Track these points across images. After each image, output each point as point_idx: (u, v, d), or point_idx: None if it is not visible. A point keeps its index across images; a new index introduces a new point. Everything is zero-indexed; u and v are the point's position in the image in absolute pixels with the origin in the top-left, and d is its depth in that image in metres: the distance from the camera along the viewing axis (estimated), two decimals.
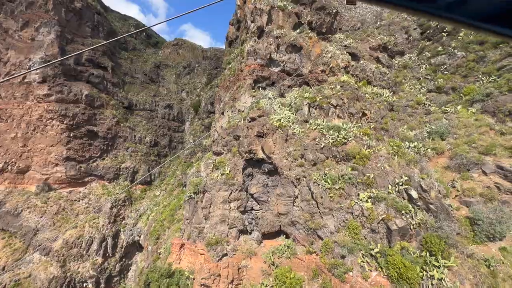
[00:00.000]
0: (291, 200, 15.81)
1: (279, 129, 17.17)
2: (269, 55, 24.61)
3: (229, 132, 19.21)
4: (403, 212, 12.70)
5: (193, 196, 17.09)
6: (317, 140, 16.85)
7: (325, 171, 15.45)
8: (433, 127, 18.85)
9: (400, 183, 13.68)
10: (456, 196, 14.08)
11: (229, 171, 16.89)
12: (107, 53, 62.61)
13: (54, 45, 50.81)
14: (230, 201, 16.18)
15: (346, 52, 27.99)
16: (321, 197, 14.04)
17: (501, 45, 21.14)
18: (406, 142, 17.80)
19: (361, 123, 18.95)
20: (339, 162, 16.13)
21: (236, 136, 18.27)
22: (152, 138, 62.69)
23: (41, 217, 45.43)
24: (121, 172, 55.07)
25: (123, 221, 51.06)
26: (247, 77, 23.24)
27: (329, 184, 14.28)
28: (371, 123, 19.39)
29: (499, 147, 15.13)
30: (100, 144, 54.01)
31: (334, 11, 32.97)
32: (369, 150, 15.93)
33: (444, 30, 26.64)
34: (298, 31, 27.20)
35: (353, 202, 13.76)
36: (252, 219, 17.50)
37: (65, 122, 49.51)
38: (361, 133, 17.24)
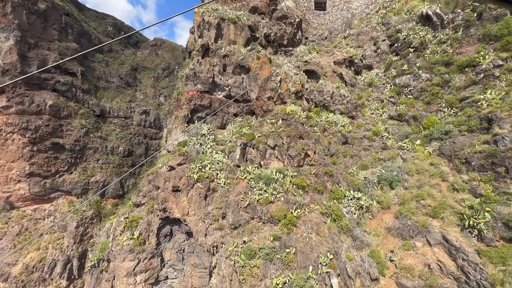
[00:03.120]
0: (207, 272, 13.47)
1: (198, 183, 14.61)
2: (211, 78, 21.75)
3: (150, 179, 16.65)
4: None
5: (96, 265, 14.66)
6: (241, 196, 14.32)
7: (246, 239, 12.99)
8: (383, 171, 16.37)
9: (324, 263, 11.27)
10: (392, 274, 11.72)
11: (140, 234, 14.41)
12: (77, 58, 58.72)
13: (12, 52, 46.98)
14: (136, 273, 13.75)
15: (303, 71, 25.19)
16: (230, 280, 11.64)
17: (466, 69, 18.51)
18: (351, 192, 15.34)
19: (301, 169, 16.39)
20: (266, 224, 13.66)
21: (156, 187, 15.73)
22: (126, 148, 59.57)
23: (1, 239, 42.85)
24: (90, 187, 52.24)
25: (91, 240, 48.62)
26: (184, 107, 20.46)
27: (243, 260, 11.86)
28: (315, 166, 16.85)
29: (448, 210, 12.73)
30: (67, 157, 50.92)
31: (297, 20, 29.90)
32: (298, 211, 13.46)
33: (411, 45, 23.86)
34: (249, 48, 24.26)
35: None
36: None
37: (27, 136, 46.26)
38: (295, 186, 14.72)
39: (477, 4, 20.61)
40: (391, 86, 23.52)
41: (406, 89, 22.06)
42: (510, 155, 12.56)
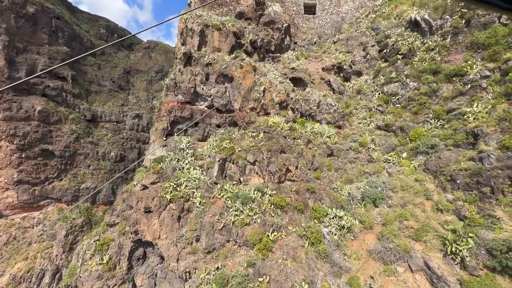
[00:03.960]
0: None
1: (171, 204, 13.90)
2: (193, 88, 21.01)
3: (124, 198, 15.92)
4: None
5: None
6: (217, 217, 13.62)
7: (220, 264, 12.29)
8: (367, 187, 15.72)
9: None
10: None
11: (110, 259, 13.71)
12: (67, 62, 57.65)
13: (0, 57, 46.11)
14: None
15: (290, 79, 24.51)
16: None
17: (454, 78, 17.90)
18: (333, 210, 14.67)
19: (282, 185, 15.71)
20: (241, 247, 12.97)
21: (130, 207, 15.02)
22: (117, 153, 58.60)
23: None
24: (81, 193, 51.28)
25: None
26: (164, 119, 19.72)
27: None
28: (296, 182, 16.17)
29: (431, 233, 12.09)
30: (57, 163, 49.95)
31: (285, 25, 29.20)
32: (275, 234, 12.79)
33: (400, 52, 23.23)
34: (233, 55, 23.53)
35: None
36: None
37: (15, 142, 45.27)
38: (274, 206, 14.04)
39: (466, 10, 20.01)
40: (379, 94, 22.89)
41: (394, 97, 21.44)
42: (496, 174, 11.94)
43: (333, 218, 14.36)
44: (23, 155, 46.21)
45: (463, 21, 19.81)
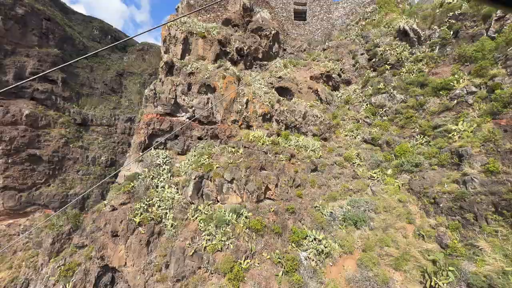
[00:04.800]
0: None
1: (140, 227, 13.15)
2: (173, 99, 20.25)
3: (94, 218, 15.14)
4: None
5: None
6: (188, 242, 12.87)
7: None
8: (349, 207, 15.07)
9: None
10: None
11: (74, 287, 12.91)
12: (58, 64, 56.41)
13: None
14: None
15: (276, 89, 23.84)
16: None
17: (441, 92, 17.32)
18: (313, 232, 13.98)
19: (260, 205, 15.00)
20: (213, 275, 12.23)
21: (99, 229, 14.23)
22: (108, 157, 57.40)
23: None
24: (69, 199, 50.20)
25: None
26: (141, 132, 18.94)
27: None
28: (276, 201, 15.47)
29: (411, 262, 11.44)
30: (44, 169, 48.72)
31: (273, 32, 28.53)
32: (248, 261, 12.07)
33: (388, 62, 22.67)
34: (217, 64, 22.81)
35: None
36: None
37: (0, 148, 44.14)
38: (249, 229, 13.32)
39: (454, 21, 19.48)
40: (367, 105, 22.30)
41: (381, 109, 20.85)
42: (479, 200, 11.32)
43: (312, 241, 13.67)
44: (9, 161, 45.01)
45: (451, 32, 19.29)
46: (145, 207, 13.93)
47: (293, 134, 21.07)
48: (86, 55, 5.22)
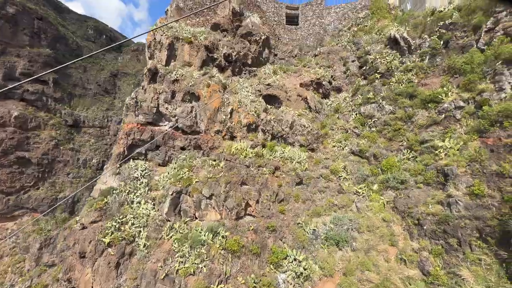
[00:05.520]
0: None
1: (109, 248, 12.51)
2: (156, 108, 19.58)
3: (65, 235, 14.47)
4: None
5: None
6: (160, 264, 12.23)
7: None
8: (332, 226, 14.50)
9: None
10: None
11: None
12: (50, 64, 55.26)
13: None
14: None
15: (264, 96, 23.22)
16: None
17: (429, 105, 16.80)
18: (293, 252, 13.40)
19: (240, 222, 14.40)
20: None
21: (68, 247, 13.56)
22: (100, 160, 56.41)
23: None
24: (58, 203, 49.46)
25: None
26: (121, 142, 18.26)
27: None
28: (256, 219, 14.87)
29: None
30: (34, 171, 47.68)
31: (263, 37, 27.89)
32: (221, 287, 11.45)
33: (378, 71, 22.14)
34: (202, 71, 22.16)
35: None
36: None
37: None
38: (225, 250, 12.69)
39: (444, 31, 18.96)
40: (356, 114, 21.76)
41: (370, 120, 20.32)
42: (463, 225, 10.79)
43: (292, 261, 13.08)
44: None
45: (442, 42, 18.78)
46: (117, 226, 13.26)
47: (280, 144, 20.48)
48: (82, 57, 4.70)
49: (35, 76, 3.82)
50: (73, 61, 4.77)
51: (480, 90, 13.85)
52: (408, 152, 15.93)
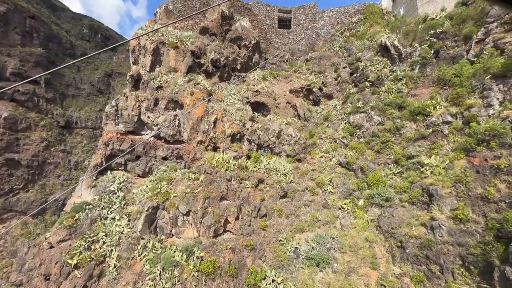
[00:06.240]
0: None
1: (76, 271, 11.88)
2: (137, 116, 18.91)
3: (34, 253, 13.82)
4: None
5: None
6: (129, 287, 11.61)
7: None
8: (313, 245, 13.93)
9: None
10: None
11: None
12: (42, 64, 54.24)
13: None
14: None
15: (251, 103, 22.59)
16: None
17: (417, 117, 16.24)
18: (272, 272, 12.83)
19: (218, 240, 13.80)
20: None
21: (35, 267, 12.92)
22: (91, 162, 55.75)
23: None
24: (48, 206, 48.59)
25: None
26: (99, 152, 17.59)
27: None
28: (235, 236, 14.27)
29: None
30: (23, 173, 46.93)
31: (253, 42, 27.25)
32: None
33: (368, 79, 21.57)
34: (187, 78, 21.48)
35: None
36: None
37: None
38: (199, 272, 12.09)
39: (435, 40, 18.40)
40: (346, 123, 21.19)
41: (359, 130, 19.75)
42: (446, 251, 10.24)
43: (270, 283, 12.51)
44: None
45: (432, 51, 18.24)
46: (87, 245, 12.63)
47: (266, 154, 19.88)
48: (78, 59, 4.17)
49: (31, 78, 3.42)
50: (68, 64, 4.57)
51: (468, 105, 13.30)
52: (395, 167, 15.37)
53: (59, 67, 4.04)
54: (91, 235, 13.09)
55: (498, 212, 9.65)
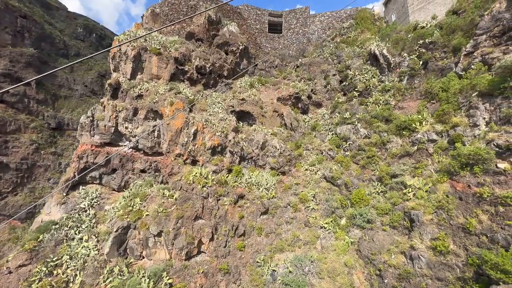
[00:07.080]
0: None
1: None
2: (114, 127, 18.14)
3: None
4: None
5: None
6: None
7: None
8: (292, 269, 13.24)
9: None
10: None
11: None
12: (33, 64, 53.24)
13: None
14: None
15: (236, 113, 21.83)
16: None
17: (404, 132, 15.56)
18: None
19: (190, 263, 13.08)
20: None
21: None
22: None
23: None
24: (37, 209, 47.76)
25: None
26: (72, 165, 16.83)
27: None
28: (210, 258, 13.57)
29: None
30: (12, 177, 46.04)
31: (241, 47, 26.47)
32: None
33: (356, 89, 20.86)
34: (169, 86, 20.69)
35: None
36: None
37: None
38: None
39: (424, 50, 17.69)
40: (333, 134, 20.50)
41: (345, 142, 19.05)
42: (424, 285, 9.57)
43: None
44: None
45: (421, 62, 17.53)
46: (48, 270, 11.89)
47: (249, 167, 19.17)
48: (75, 61, 3.55)
49: (25, 81, 2.87)
50: (62, 67, 4.10)
51: (454, 123, 12.61)
52: (379, 185, 14.70)
53: (53, 70, 3.64)
54: (54, 259, 12.36)
55: (479, 246, 8.99)
